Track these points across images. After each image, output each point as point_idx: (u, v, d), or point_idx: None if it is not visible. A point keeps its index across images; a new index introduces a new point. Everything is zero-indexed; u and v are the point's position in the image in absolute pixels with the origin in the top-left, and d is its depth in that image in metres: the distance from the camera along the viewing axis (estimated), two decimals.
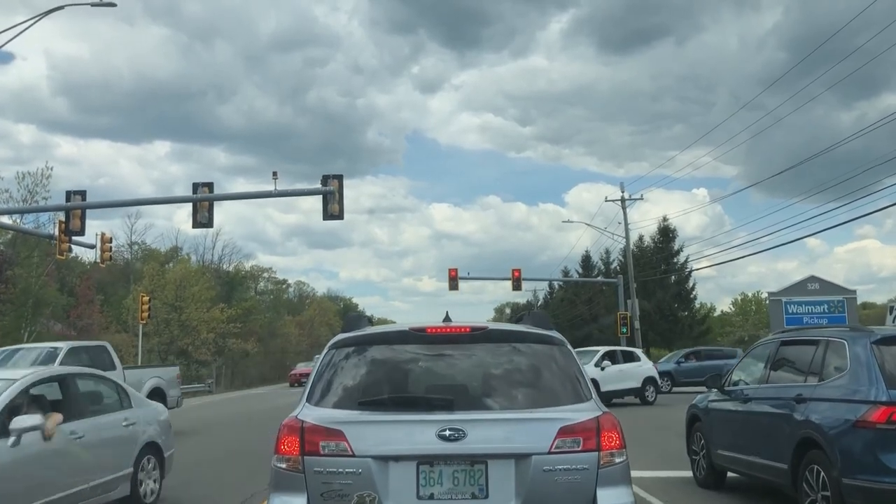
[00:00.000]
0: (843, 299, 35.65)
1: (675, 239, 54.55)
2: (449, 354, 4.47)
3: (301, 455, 4.02)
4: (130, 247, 60.43)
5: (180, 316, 47.37)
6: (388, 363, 4.46)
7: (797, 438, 6.75)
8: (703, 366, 28.69)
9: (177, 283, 48.13)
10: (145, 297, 34.87)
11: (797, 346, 7.78)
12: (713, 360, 29.63)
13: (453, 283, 40.48)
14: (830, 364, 6.83)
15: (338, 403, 4.23)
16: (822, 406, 6.57)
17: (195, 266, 59.23)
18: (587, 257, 64.05)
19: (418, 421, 4.03)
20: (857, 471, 5.95)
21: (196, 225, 23.50)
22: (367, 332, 4.66)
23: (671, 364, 32.09)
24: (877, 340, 6.45)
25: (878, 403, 5.95)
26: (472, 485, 3.96)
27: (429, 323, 4.55)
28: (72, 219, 23.56)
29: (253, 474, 10.08)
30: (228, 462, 12.41)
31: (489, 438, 3.99)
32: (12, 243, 35.30)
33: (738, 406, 8.28)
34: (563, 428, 4.01)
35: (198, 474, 10.04)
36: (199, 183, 23.18)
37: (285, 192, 24.45)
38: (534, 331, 4.60)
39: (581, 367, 4.48)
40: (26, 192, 33.28)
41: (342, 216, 22.94)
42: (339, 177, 22.91)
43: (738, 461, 8.17)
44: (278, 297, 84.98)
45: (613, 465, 4.04)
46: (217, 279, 61.27)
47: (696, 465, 9.28)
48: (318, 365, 4.53)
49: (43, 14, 21.98)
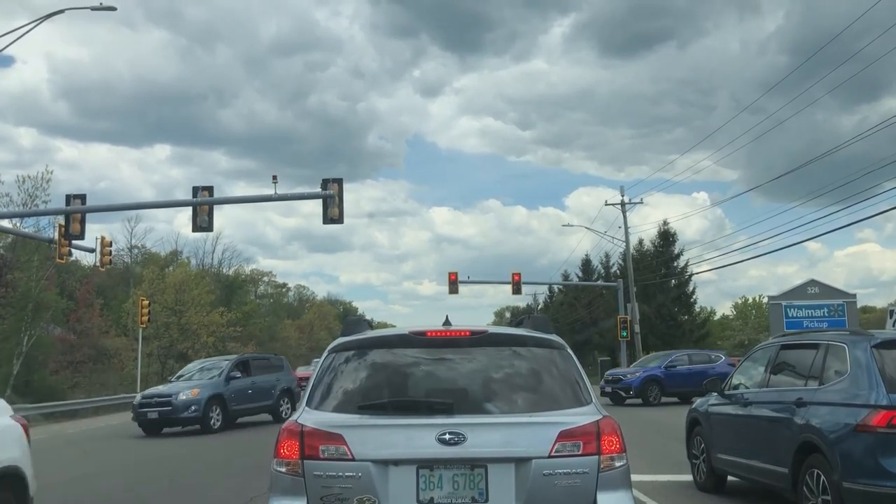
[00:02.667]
0: (843, 303, 35.67)
1: (676, 243, 54.67)
2: (449, 358, 4.46)
3: (301, 459, 4.02)
4: (130, 250, 60.42)
5: (180, 319, 47.32)
6: (388, 367, 4.45)
7: (797, 442, 6.74)
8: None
9: (177, 286, 48.08)
10: (145, 301, 34.89)
11: (797, 350, 7.78)
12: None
13: (453, 286, 40.54)
14: (831, 368, 6.83)
15: (337, 407, 4.23)
16: (823, 410, 6.56)
17: (195, 270, 59.19)
18: (587, 261, 64.14)
19: (418, 425, 4.03)
20: (857, 475, 5.94)
21: (196, 229, 23.53)
22: (366, 335, 4.66)
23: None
24: (877, 344, 6.45)
25: (879, 407, 5.94)
26: (472, 489, 3.95)
27: (429, 326, 4.55)
28: (72, 222, 23.59)
29: (252, 478, 10.08)
30: (228, 466, 12.40)
31: (489, 442, 3.99)
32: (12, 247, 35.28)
33: (738, 410, 8.27)
34: (563, 432, 4.00)
35: (197, 478, 10.03)
36: (198, 187, 23.22)
37: (285, 195, 24.47)
38: (534, 334, 4.59)
39: (581, 371, 4.48)
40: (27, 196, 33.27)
41: (342, 220, 22.98)
42: (338, 181, 22.94)
43: (738, 465, 8.16)
44: (278, 301, 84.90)
45: (614, 469, 4.03)
46: (217, 283, 61.21)
47: (696, 468, 9.27)
48: (317, 369, 4.52)
49: (43, 18, 22.03)
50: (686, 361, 26.56)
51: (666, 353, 28.93)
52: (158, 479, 10.49)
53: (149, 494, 9.85)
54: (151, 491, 10.03)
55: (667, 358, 27.23)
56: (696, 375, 23.33)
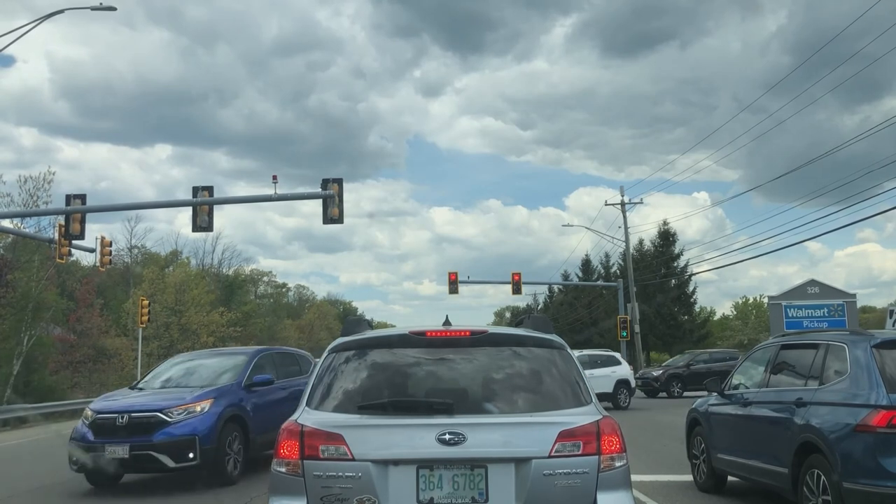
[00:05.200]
0: (843, 303, 35.66)
1: (676, 243, 54.68)
2: (449, 358, 4.46)
3: (301, 459, 4.02)
4: (130, 250, 60.36)
5: (180, 320, 47.31)
6: (388, 367, 4.45)
7: (797, 442, 6.74)
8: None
9: (177, 286, 48.08)
10: (145, 301, 34.85)
11: (797, 350, 7.78)
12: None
13: (453, 286, 40.55)
14: (831, 368, 6.83)
15: (337, 407, 4.23)
16: (823, 410, 6.56)
17: (195, 270, 59.18)
18: (587, 261, 64.18)
19: (418, 425, 4.03)
20: (857, 475, 5.94)
21: (196, 229, 23.51)
22: (366, 335, 4.66)
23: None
24: (877, 344, 6.45)
25: (879, 407, 5.95)
26: (472, 489, 3.95)
27: (429, 327, 4.54)
28: (72, 223, 23.57)
29: (252, 478, 10.07)
30: None
31: (489, 442, 3.99)
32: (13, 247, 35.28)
33: (738, 410, 8.26)
34: (563, 432, 4.00)
35: (196, 478, 10.02)
36: (198, 187, 23.21)
37: (285, 195, 24.45)
38: (534, 334, 4.59)
39: (581, 371, 4.48)
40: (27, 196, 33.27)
41: (342, 220, 22.97)
42: (338, 181, 22.94)
43: (738, 465, 8.15)
44: (278, 301, 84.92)
45: (614, 469, 4.03)
46: (217, 283, 61.24)
47: (696, 468, 9.27)
48: (317, 369, 4.53)
49: (44, 17, 22.03)
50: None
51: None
52: (158, 479, 10.48)
53: (148, 493, 9.85)
54: (151, 490, 10.03)
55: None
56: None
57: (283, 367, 12.32)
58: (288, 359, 13.05)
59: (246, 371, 11.09)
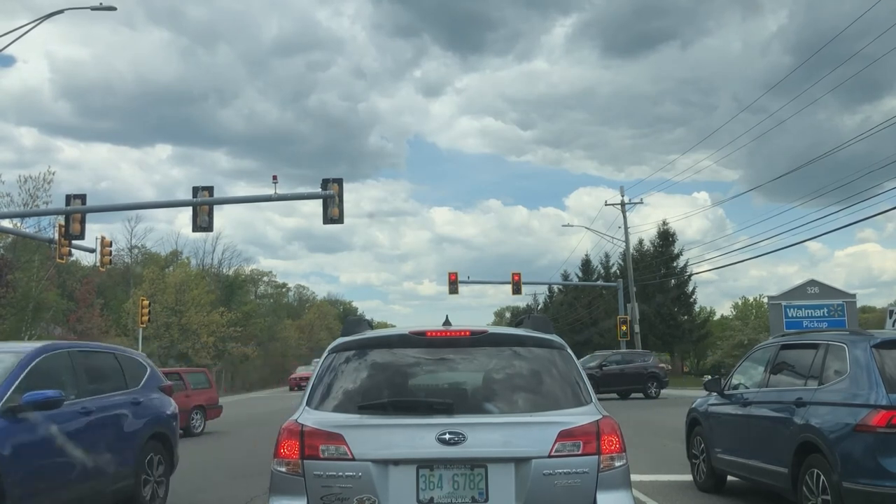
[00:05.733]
0: (843, 303, 35.68)
1: (675, 243, 54.69)
2: (449, 358, 4.47)
3: (301, 459, 4.02)
4: (130, 250, 60.36)
5: (180, 320, 47.33)
6: (388, 367, 4.45)
7: (797, 442, 6.75)
8: None
9: (177, 286, 48.10)
10: (145, 301, 34.87)
11: (797, 350, 7.78)
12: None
13: (453, 286, 40.58)
14: (830, 368, 6.83)
15: (338, 407, 4.24)
16: (823, 410, 6.57)
17: (195, 270, 59.19)
18: (587, 261, 64.18)
19: (418, 425, 4.03)
20: (857, 475, 5.95)
21: (196, 229, 23.55)
22: (366, 335, 4.66)
23: None
24: (877, 344, 6.45)
25: (878, 407, 5.95)
26: (472, 489, 3.96)
27: (429, 326, 4.54)
28: (72, 223, 23.60)
29: (252, 478, 10.08)
30: (228, 466, 12.40)
31: (489, 442, 3.99)
32: (13, 247, 35.29)
33: (738, 410, 8.27)
34: (563, 432, 4.01)
35: (197, 478, 10.03)
36: (199, 187, 23.25)
37: (285, 196, 24.48)
38: (534, 334, 4.59)
39: (581, 371, 4.48)
40: (28, 196, 33.29)
41: (342, 220, 22.99)
42: (338, 181, 22.96)
43: (738, 465, 8.16)
44: (278, 301, 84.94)
45: (613, 469, 4.04)
46: (217, 283, 61.25)
47: (696, 468, 9.27)
48: (317, 369, 4.53)
49: (44, 17, 22.05)
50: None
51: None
52: None
53: None
54: None
55: None
56: None
57: (90, 376, 7.61)
58: (102, 363, 8.09)
59: (10, 384, 6.34)
